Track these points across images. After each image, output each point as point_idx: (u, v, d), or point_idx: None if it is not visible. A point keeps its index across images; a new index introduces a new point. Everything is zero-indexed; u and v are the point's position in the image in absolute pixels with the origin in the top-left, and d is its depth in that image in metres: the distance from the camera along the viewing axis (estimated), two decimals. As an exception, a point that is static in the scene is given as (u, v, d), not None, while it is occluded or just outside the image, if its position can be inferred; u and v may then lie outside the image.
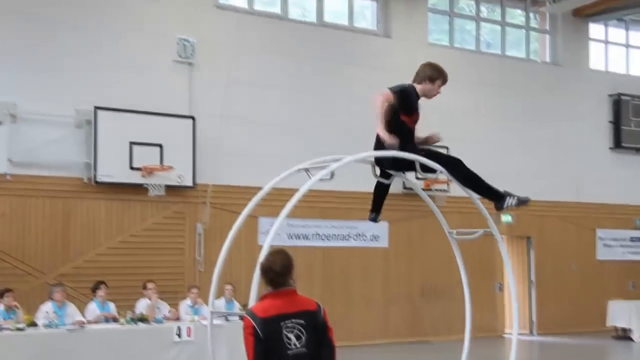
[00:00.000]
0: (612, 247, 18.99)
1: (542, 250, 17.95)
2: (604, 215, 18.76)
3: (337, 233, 15.36)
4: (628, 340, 16.37)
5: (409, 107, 6.19)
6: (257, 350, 4.34)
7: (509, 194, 6.21)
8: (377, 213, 6.70)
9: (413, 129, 6.29)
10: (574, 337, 17.06)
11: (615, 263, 18.90)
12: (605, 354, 15.96)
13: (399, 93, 6.11)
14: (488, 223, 6.79)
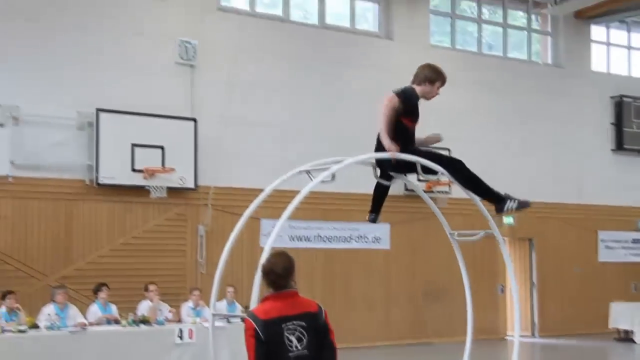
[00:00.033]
0: (614, 249, 18.96)
1: (543, 252, 17.93)
2: (606, 217, 18.73)
3: (338, 235, 15.35)
4: (630, 343, 16.32)
5: (411, 109, 6.18)
6: (258, 352, 4.35)
7: (510, 197, 6.17)
8: (376, 214, 6.68)
9: (414, 131, 6.28)
10: (576, 339, 17.04)
11: (617, 265, 18.87)
12: (608, 356, 15.93)
13: (402, 96, 6.10)
14: (489, 225, 6.78)
